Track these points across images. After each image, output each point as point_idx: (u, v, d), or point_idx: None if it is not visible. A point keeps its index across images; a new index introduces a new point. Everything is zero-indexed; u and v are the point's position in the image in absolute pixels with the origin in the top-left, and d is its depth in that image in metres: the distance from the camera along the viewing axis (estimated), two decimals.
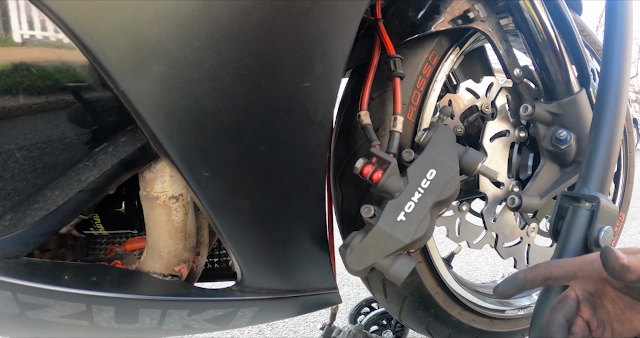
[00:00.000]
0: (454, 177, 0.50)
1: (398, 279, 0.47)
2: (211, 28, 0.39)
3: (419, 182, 0.50)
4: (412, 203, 0.49)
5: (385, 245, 0.48)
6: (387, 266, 0.48)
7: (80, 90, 0.39)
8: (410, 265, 0.48)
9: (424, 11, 0.67)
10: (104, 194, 0.46)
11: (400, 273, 0.47)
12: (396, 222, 0.48)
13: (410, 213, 0.49)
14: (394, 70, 0.61)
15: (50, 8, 0.33)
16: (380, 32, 0.62)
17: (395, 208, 0.49)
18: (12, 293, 0.41)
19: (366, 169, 0.52)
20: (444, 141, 0.52)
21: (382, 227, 0.48)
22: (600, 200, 0.51)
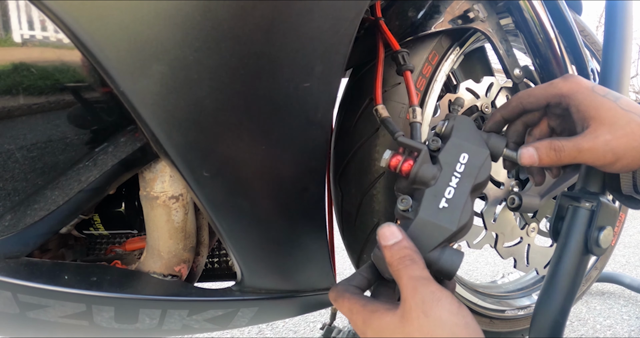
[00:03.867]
0: (486, 159, 0.48)
1: (450, 272, 0.43)
2: (211, 28, 0.39)
3: (453, 167, 0.47)
4: (451, 189, 0.45)
5: (431, 237, 0.43)
6: (436, 259, 0.43)
7: (80, 90, 0.39)
8: (460, 256, 0.43)
9: (423, 11, 0.67)
10: (104, 194, 0.46)
11: (452, 265, 0.43)
12: (439, 210, 0.44)
13: (452, 199, 0.45)
14: (403, 65, 0.60)
15: (50, 8, 0.33)
16: (383, 30, 0.62)
17: (434, 196, 0.45)
18: (12, 293, 0.41)
19: (394, 160, 0.48)
20: (467, 128, 0.50)
21: (424, 216, 0.44)
22: (600, 200, 0.51)
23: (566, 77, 0.47)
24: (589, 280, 1.12)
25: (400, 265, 0.38)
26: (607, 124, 0.43)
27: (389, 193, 0.67)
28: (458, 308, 0.35)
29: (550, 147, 0.45)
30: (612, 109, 0.43)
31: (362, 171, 0.67)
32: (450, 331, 0.33)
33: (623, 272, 1.57)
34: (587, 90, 0.44)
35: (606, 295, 1.46)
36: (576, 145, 0.44)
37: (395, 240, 0.40)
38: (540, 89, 0.49)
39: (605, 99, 0.44)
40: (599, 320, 1.29)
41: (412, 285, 0.36)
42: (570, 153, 0.44)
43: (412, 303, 0.35)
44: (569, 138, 0.45)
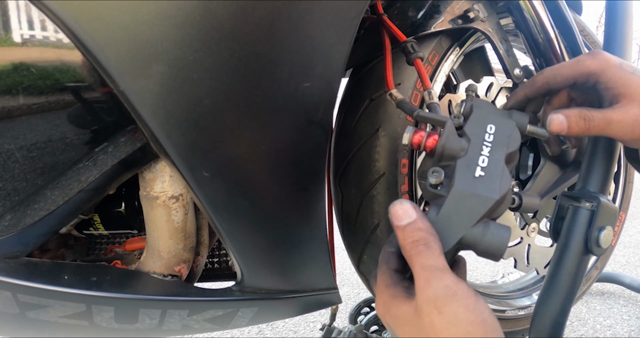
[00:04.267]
0: (513, 128, 0.45)
1: (499, 248, 0.37)
2: (211, 28, 0.39)
3: (482, 137, 0.43)
4: (484, 158, 0.41)
5: (472, 209, 0.38)
6: (481, 236, 0.38)
7: (80, 90, 0.39)
8: (507, 230, 0.38)
9: (423, 11, 0.67)
10: (104, 194, 0.46)
11: (500, 241, 0.37)
12: (475, 179, 0.40)
13: (487, 168, 0.41)
14: (413, 53, 0.60)
15: (50, 8, 0.33)
16: (387, 25, 0.62)
17: (467, 166, 0.41)
18: (12, 293, 0.41)
19: (417, 137, 0.45)
20: (487, 105, 0.48)
21: (461, 187, 0.39)
22: (600, 200, 0.51)
23: (593, 53, 0.46)
24: (589, 280, 1.12)
25: (413, 251, 0.35)
26: (638, 99, 0.43)
27: (389, 194, 0.67)
28: (475, 303, 0.32)
29: (580, 115, 0.45)
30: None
31: (362, 172, 0.67)
32: (466, 330, 0.31)
33: (623, 272, 1.57)
34: (616, 68, 0.44)
35: (606, 295, 1.46)
36: (606, 117, 0.44)
37: (408, 220, 0.36)
38: (566, 67, 0.47)
39: (635, 76, 0.44)
40: (599, 320, 1.29)
41: (425, 276, 0.33)
42: (599, 124, 0.44)
43: (425, 298, 0.32)
44: (599, 110, 0.45)
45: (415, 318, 0.33)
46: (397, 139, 0.66)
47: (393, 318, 0.35)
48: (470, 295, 0.32)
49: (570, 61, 0.48)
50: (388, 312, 0.35)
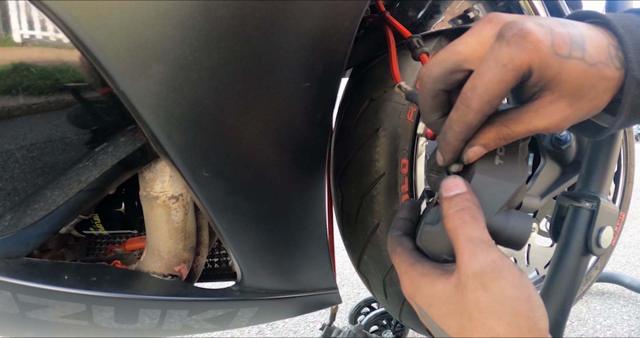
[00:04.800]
0: None
1: (523, 237, 0.37)
2: (211, 28, 0.39)
3: None
4: (501, 147, 0.40)
5: (494, 197, 0.37)
6: (504, 225, 0.37)
7: (80, 90, 0.39)
8: (529, 219, 0.38)
9: (423, 11, 0.67)
10: (104, 194, 0.46)
11: (524, 230, 0.37)
12: (495, 166, 0.39)
13: (505, 156, 0.40)
14: (419, 48, 0.59)
15: (50, 8, 0.33)
16: (391, 22, 0.61)
17: (486, 155, 0.39)
18: (12, 293, 0.41)
19: None
20: None
21: (482, 174, 0.38)
22: (600, 200, 0.51)
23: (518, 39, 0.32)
24: (589, 280, 1.12)
25: (458, 220, 0.32)
26: (569, 95, 0.33)
27: (389, 194, 0.67)
28: (520, 279, 0.30)
29: (499, 137, 0.36)
30: (579, 75, 0.32)
31: (362, 172, 0.67)
32: (512, 307, 0.29)
33: (623, 272, 1.57)
34: (550, 56, 0.32)
35: (606, 295, 1.46)
36: (529, 128, 0.35)
37: (458, 191, 0.34)
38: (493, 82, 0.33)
39: (572, 61, 0.32)
40: (599, 320, 1.29)
41: (471, 249, 0.31)
42: (522, 134, 0.36)
43: (470, 273, 0.30)
44: (519, 116, 0.35)
45: (456, 295, 0.31)
46: (397, 138, 0.66)
47: (426, 298, 0.33)
48: (516, 271, 0.31)
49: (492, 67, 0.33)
50: (418, 292, 0.33)
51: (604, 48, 0.33)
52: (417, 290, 0.34)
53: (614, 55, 0.34)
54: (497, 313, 0.29)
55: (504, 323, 0.29)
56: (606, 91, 0.34)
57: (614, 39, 0.34)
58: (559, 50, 0.32)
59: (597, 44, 0.33)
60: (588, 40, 0.33)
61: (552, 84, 0.33)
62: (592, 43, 0.33)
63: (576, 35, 0.33)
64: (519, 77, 0.33)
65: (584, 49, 0.33)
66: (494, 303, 0.29)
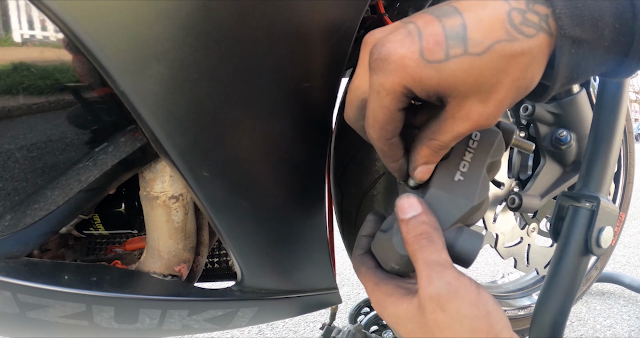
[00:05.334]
0: (499, 139, 0.43)
1: (470, 256, 0.37)
2: (211, 28, 0.39)
3: (466, 143, 0.41)
4: (465, 163, 0.40)
5: (447, 212, 0.37)
6: (452, 242, 0.37)
7: (80, 90, 0.39)
8: (480, 238, 0.37)
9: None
10: (104, 194, 0.46)
11: (471, 249, 0.37)
12: (454, 183, 0.39)
13: (467, 173, 0.39)
14: None
15: (50, 8, 0.33)
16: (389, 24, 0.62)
17: (447, 168, 0.39)
18: (12, 293, 0.41)
19: None
20: None
21: (438, 189, 0.38)
22: (600, 200, 0.51)
23: (380, 64, 0.30)
24: (589, 280, 1.12)
25: (416, 245, 0.33)
26: (473, 94, 0.30)
27: (389, 194, 0.67)
28: (477, 297, 0.31)
29: (433, 151, 0.35)
30: (468, 72, 0.29)
31: (362, 171, 0.67)
32: (470, 325, 0.30)
33: (623, 272, 1.57)
34: (419, 68, 0.29)
35: (606, 295, 1.46)
36: (453, 133, 0.33)
37: (413, 213, 0.34)
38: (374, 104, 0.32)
39: (452, 61, 0.29)
40: (599, 320, 1.29)
41: (427, 273, 0.32)
42: (453, 140, 0.34)
43: (427, 296, 0.31)
44: (440, 127, 0.33)
45: (419, 316, 0.32)
46: None
47: (392, 317, 0.34)
48: (472, 290, 0.32)
49: (371, 97, 0.32)
50: (385, 311, 0.35)
51: (499, 21, 0.29)
52: (384, 310, 0.35)
53: (520, 21, 0.29)
54: (456, 332, 0.30)
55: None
56: (527, 67, 0.30)
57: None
58: (430, 56, 0.29)
59: (486, 23, 0.29)
60: (472, 24, 0.29)
61: (444, 90, 0.30)
62: (478, 25, 0.29)
63: (454, 26, 0.29)
64: (400, 99, 0.31)
65: (466, 39, 0.29)
66: (452, 323, 0.30)
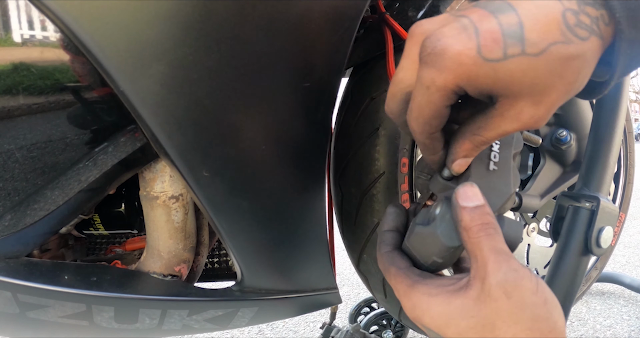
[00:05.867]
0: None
1: (515, 242, 0.36)
2: (211, 28, 0.39)
3: None
4: (495, 153, 0.40)
5: (489, 201, 0.37)
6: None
7: (80, 90, 0.39)
8: (520, 225, 0.37)
9: (423, 11, 0.67)
10: (104, 194, 0.46)
11: (515, 236, 0.36)
12: (489, 172, 0.38)
13: (499, 162, 0.39)
14: None
15: (50, 8, 0.33)
16: (390, 23, 0.61)
17: (480, 159, 0.39)
18: (12, 293, 0.41)
19: None
20: None
21: (477, 178, 0.37)
22: (600, 200, 0.51)
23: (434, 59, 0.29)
24: (589, 280, 1.12)
25: (482, 233, 0.32)
26: (527, 95, 0.29)
27: (389, 193, 0.67)
28: (537, 285, 0.31)
29: (475, 146, 0.34)
30: (525, 72, 0.28)
31: (362, 171, 0.67)
32: (532, 313, 0.30)
33: (623, 272, 1.57)
34: (476, 66, 0.28)
35: (606, 295, 1.46)
36: (499, 131, 0.32)
37: (478, 203, 0.33)
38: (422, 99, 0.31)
39: (509, 61, 0.28)
40: (599, 320, 1.29)
41: (495, 259, 0.31)
42: (496, 138, 0.34)
43: (494, 282, 0.30)
44: (486, 123, 0.32)
45: (476, 308, 0.31)
46: (397, 138, 0.66)
47: (439, 318, 0.32)
48: (533, 278, 0.31)
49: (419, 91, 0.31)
50: (427, 314, 0.32)
51: (555, 22, 0.28)
52: (426, 312, 0.33)
53: (574, 23, 0.28)
54: (519, 320, 0.30)
55: (526, 329, 0.30)
56: (580, 71, 0.29)
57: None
58: (488, 54, 0.28)
59: (542, 23, 0.28)
60: (528, 22, 0.28)
61: (499, 90, 0.29)
62: (534, 25, 0.28)
63: (511, 23, 0.28)
64: (450, 96, 0.30)
65: (523, 39, 0.28)
66: (516, 311, 0.30)
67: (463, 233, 0.33)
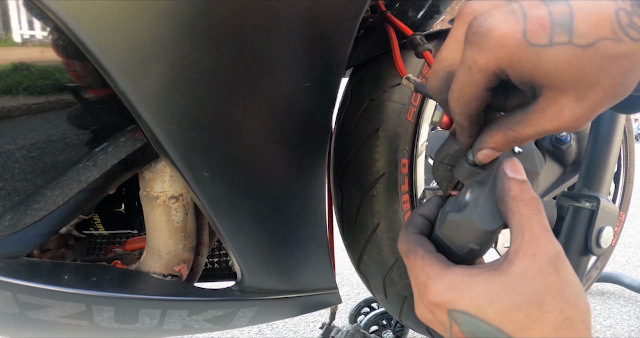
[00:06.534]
0: None
1: (551, 221, 0.35)
2: (211, 28, 0.39)
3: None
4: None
5: None
6: None
7: (80, 90, 0.39)
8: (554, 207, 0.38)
9: (423, 11, 0.67)
10: (104, 194, 0.46)
11: (552, 215, 0.35)
12: (516, 154, 0.37)
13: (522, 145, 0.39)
14: (422, 45, 0.59)
15: (50, 8, 0.33)
16: (392, 21, 0.61)
17: None
18: (12, 293, 0.41)
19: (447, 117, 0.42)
20: None
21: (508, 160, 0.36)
22: (600, 200, 0.51)
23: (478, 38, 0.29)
24: (589, 280, 1.12)
25: (534, 208, 0.31)
26: (571, 88, 0.28)
27: (389, 194, 0.67)
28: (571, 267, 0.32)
29: (507, 140, 0.33)
30: (570, 62, 0.27)
31: (362, 171, 0.67)
32: (575, 291, 0.30)
33: (623, 272, 1.57)
34: (522, 50, 0.28)
35: (606, 295, 1.46)
36: (537, 129, 0.31)
37: (524, 178, 0.33)
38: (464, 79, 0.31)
39: (555, 48, 0.27)
40: (599, 320, 1.29)
41: (547, 237, 0.30)
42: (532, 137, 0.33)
43: (546, 258, 0.30)
44: (525, 118, 0.31)
45: (523, 284, 0.30)
46: (397, 138, 0.66)
47: (481, 298, 0.30)
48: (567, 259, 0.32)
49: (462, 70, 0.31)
50: (468, 294, 0.31)
51: (607, 18, 0.27)
52: (466, 292, 0.31)
53: (626, 22, 0.27)
54: (566, 297, 0.30)
55: (572, 306, 0.30)
56: (628, 72, 0.28)
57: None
58: (534, 39, 0.27)
59: (594, 17, 0.27)
60: (579, 15, 0.27)
61: (541, 79, 0.28)
62: (585, 18, 0.27)
63: (561, 13, 0.28)
64: (491, 78, 0.30)
65: (572, 30, 0.27)
66: (564, 287, 0.30)
67: (511, 203, 0.32)
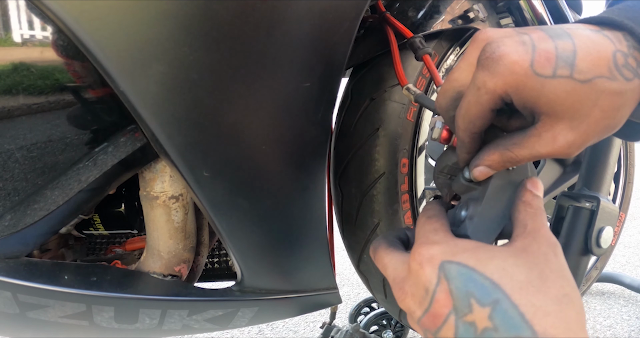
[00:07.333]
0: None
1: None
2: (211, 28, 0.39)
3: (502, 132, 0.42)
4: None
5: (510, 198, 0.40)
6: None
7: (80, 90, 0.39)
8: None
9: (423, 11, 0.67)
10: (104, 194, 0.46)
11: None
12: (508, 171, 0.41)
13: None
14: (422, 48, 0.59)
15: (50, 8, 0.33)
16: (392, 22, 0.61)
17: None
18: (12, 293, 0.41)
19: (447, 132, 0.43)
20: None
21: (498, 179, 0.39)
22: (600, 200, 0.51)
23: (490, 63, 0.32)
24: (589, 280, 1.12)
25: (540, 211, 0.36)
26: (567, 117, 0.31)
27: (389, 194, 0.67)
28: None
29: (503, 160, 0.36)
30: (568, 94, 0.31)
31: (362, 171, 0.67)
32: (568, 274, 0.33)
33: (623, 272, 1.57)
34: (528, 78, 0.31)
35: (606, 295, 1.46)
36: (532, 152, 0.34)
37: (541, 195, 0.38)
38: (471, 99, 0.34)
39: (555, 80, 0.30)
40: (599, 320, 1.29)
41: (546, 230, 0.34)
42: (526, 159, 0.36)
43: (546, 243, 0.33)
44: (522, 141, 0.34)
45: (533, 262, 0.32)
46: (397, 138, 0.66)
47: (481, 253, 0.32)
48: None
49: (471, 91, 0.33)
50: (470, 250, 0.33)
51: (605, 59, 0.31)
52: (467, 249, 0.34)
53: (622, 63, 0.31)
54: (563, 276, 0.32)
55: (566, 285, 0.31)
56: (619, 108, 0.31)
57: (627, 40, 0.31)
58: (540, 69, 0.31)
59: (593, 56, 0.31)
60: (582, 53, 0.31)
61: (541, 106, 0.31)
62: (586, 56, 0.31)
63: (565, 49, 0.31)
64: (497, 101, 0.33)
65: (573, 65, 0.30)
66: (561, 268, 0.32)
67: (520, 205, 0.37)
